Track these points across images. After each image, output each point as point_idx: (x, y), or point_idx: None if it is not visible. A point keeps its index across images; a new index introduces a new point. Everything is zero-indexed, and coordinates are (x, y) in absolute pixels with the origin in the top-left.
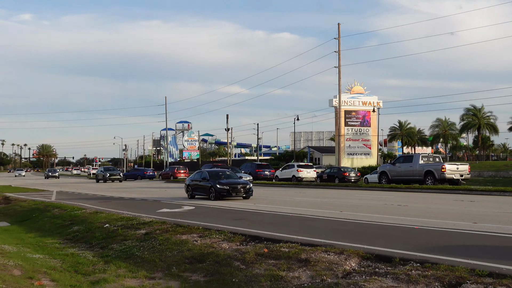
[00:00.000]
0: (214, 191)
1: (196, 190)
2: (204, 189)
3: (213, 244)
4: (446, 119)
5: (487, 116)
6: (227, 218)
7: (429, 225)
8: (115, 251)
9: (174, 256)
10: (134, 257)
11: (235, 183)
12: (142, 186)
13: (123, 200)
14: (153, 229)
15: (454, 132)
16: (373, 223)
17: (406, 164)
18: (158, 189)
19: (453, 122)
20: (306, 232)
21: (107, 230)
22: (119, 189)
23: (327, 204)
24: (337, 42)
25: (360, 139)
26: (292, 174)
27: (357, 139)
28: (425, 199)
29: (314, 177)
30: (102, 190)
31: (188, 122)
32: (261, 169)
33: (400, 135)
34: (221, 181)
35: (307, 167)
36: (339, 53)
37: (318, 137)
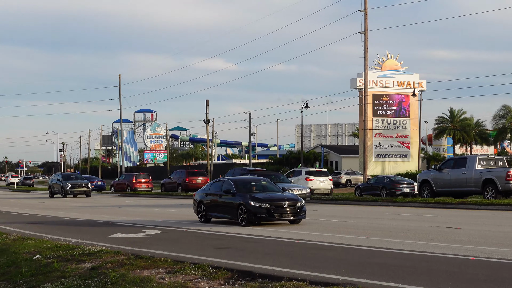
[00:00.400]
0: (247, 212)
1: (214, 209)
2: (228, 208)
3: (187, 283)
4: None
5: None
6: (206, 246)
7: (490, 255)
8: None
9: None
10: None
11: (279, 198)
12: (86, 201)
13: (61, 221)
14: (102, 262)
15: None
16: (412, 253)
17: (458, 170)
18: (110, 207)
19: None
20: (318, 265)
21: (37, 264)
22: (55, 205)
23: (348, 226)
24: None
25: (394, 134)
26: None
27: (391, 135)
28: (485, 219)
29: (329, 188)
30: (31, 206)
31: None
32: None
33: (452, 129)
34: (255, 196)
35: (320, 174)
36: (365, 12)
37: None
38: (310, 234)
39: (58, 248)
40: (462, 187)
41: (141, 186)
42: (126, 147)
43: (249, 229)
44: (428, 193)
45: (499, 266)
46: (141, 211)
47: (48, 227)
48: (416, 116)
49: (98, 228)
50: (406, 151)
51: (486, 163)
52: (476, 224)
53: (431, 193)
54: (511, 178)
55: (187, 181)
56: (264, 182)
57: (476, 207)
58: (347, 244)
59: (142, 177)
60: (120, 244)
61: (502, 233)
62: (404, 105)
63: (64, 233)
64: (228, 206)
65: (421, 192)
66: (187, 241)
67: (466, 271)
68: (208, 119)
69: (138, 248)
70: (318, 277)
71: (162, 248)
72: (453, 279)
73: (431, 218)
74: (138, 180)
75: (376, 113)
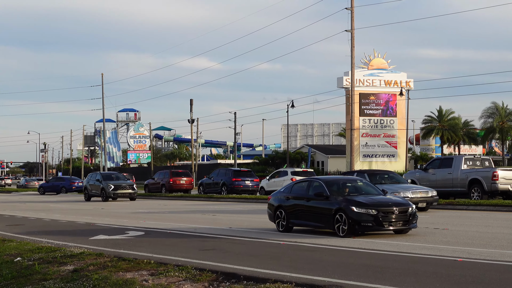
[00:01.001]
0: (347, 219)
1: (298, 216)
2: (319, 215)
3: (171, 285)
4: (504, 106)
5: None
6: (190, 247)
7: (477, 256)
8: None
9: None
10: None
11: (387, 203)
12: (68, 201)
13: (42, 223)
14: (84, 264)
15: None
16: (400, 254)
17: (444, 170)
18: (92, 208)
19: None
20: (304, 267)
21: (18, 266)
22: (38, 206)
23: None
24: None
25: (381, 134)
26: (284, 185)
27: (378, 135)
28: (472, 220)
29: None
30: (13, 208)
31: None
32: (240, 178)
33: (439, 129)
34: (357, 200)
35: (307, 175)
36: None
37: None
38: (296, 235)
39: (39, 250)
40: (448, 188)
41: None
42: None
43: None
44: None
45: (486, 267)
46: (128, 213)
47: (28, 228)
48: (404, 115)
49: (80, 229)
50: (393, 151)
51: (472, 163)
52: (463, 225)
53: None
54: (497, 178)
55: (171, 182)
56: (360, 182)
57: (464, 207)
58: (333, 245)
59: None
60: (103, 245)
61: (490, 234)
62: (391, 105)
63: (46, 235)
64: (320, 213)
65: None
66: (170, 242)
67: (454, 273)
68: (193, 119)
69: (121, 250)
70: (303, 279)
71: (146, 250)
72: (440, 280)
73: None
74: None
75: (363, 113)
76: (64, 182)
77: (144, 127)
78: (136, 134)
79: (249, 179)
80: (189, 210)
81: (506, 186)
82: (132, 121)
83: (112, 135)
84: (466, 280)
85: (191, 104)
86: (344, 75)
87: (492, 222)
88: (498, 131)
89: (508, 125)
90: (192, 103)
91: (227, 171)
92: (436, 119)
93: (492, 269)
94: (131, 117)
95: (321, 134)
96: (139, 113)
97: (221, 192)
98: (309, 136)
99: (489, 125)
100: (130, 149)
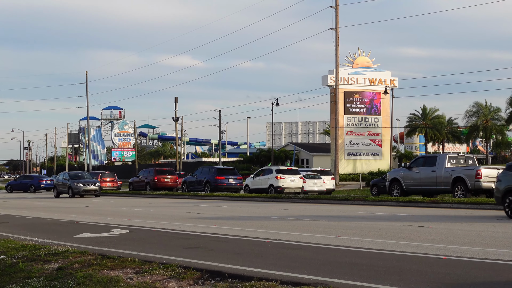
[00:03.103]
0: None
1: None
2: None
3: (156, 283)
4: (488, 104)
5: None
6: (175, 246)
7: (462, 254)
8: None
9: None
10: None
11: None
12: (45, 198)
13: (26, 220)
14: (69, 262)
15: (499, 122)
16: (385, 252)
17: (427, 168)
18: (77, 206)
19: (498, 108)
20: (289, 265)
21: (2, 264)
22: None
23: (319, 226)
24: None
25: (366, 132)
26: (269, 183)
27: (362, 133)
28: (457, 218)
29: (300, 187)
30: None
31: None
32: (224, 176)
33: (424, 127)
34: None
35: (291, 173)
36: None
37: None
38: (280, 234)
39: (23, 248)
40: (432, 186)
41: (107, 185)
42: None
43: (216, 227)
44: (398, 191)
45: (471, 265)
46: (112, 210)
47: (12, 226)
48: (388, 113)
49: (64, 227)
50: (377, 149)
51: (456, 162)
52: (448, 223)
53: (401, 191)
54: (481, 176)
55: (155, 180)
56: None
57: (449, 205)
58: (318, 243)
59: (108, 175)
60: (87, 243)
61: (474, 232)
62: (376, 103)
63: (30, 233)
64: None
65: (390, 190)
66: (155, 240)
67: (438, 271)
68: (177, 117)
69: (105, 248)
70: (288, 277)
71: (131, 248)
72: (424, 278)
73: (403, 217)
74: (103, 179)
75: (347, 111)
76: (32, 181)
77: (129, 125)
78: (120, 132)
79: (233, 177)
80: (174, 208)
81: (490, 184)
82: (117, 119)
83: (97, 133)
84: (451, 278)
85: (175, 102)
86: (329, 73)
87: (477, 220)
88: (482, 130)
89: (492, 123)
90: (177, 101)
91: (210, 169)
92: (420, 117)
93: (476, 267)
94: (116, 115)
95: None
96: (123, 111)
97: (205, 190)
98: (294, 134)
99: (473, 124)
100: (115, 147)
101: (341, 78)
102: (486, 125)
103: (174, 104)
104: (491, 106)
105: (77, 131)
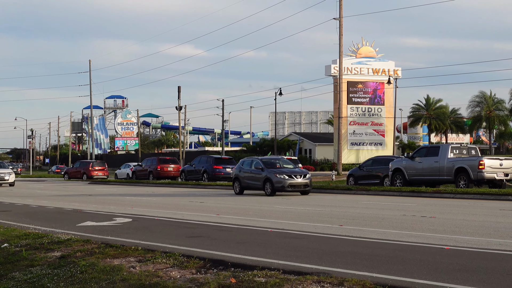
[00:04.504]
0: None
1: None
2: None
3: (158, 271)
4: (492, 95)
5: None
6: (178, 235)
7: (464, 244)
8: (18, 282)
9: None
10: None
11: None
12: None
13: (29, 209)
14: (72, 250)
15: (502, 113)
16: (387, 242)
17: (430, 158)
18: (79, 194)
19: (502, 99)
20: (291, 254)
21: (5, 252)
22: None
23: (322, 215)
24: None
25: (369, 122)
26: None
27: (365, 123)
28: (460, 208)
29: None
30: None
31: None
32: (221, 165)
33: (427, 117)
34: None
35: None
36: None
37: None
38: (283, 223)
39: (26, 236)
40: (434, 176)
41: (98, 174)
42: (96, 134)
43: (219, 217)
44: (401, 181)
45: (473, 255)
46: (113, 199)
47: (15, 214)
48: (391, 104)
49: (67, 216)
50: (380, 139)
51: (459, 152)
52: (451, 213)
53: (403, 181)
54: (484, 167)
55: (158, 169)
56: None
57: (451, 196)
58: (320, 233)
59: (98, 164)
60: (90, 232)
61: (477, 222)
62: (379, 93)
63: (33, 221)
64: None
65: (393, 180)
66: (158, 229)
67: (441, 261)
68: (180, 106)
69: (108, 237)
70: (291, 266)
71: (133, 237)
72: (427, 268)
73: (406, 207)
74: (94, 168)
75: (351, 101)
76: None
77: (132, 114)
78: (123, 121)
79: (230, 167)
80: (177, 197)
81: (492, 174)
82: (120, 108)
83: (100, 122)
84: (453, 268)
85: (178, 91)
86: (332, 63)
87: (479, 211)
88: (485, 120)
89: (495, 114)
90: (180, 90)
91: (208, 158)
92: (423, 108)
93: (478, 257)
94: (119, 104)
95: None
96: (126, 100)
97: (203, 179)
98: (297, 124)
99: (476, 114)
100: (118, 136)
101: (344, 68)
102: (489, 116)
103: (177, 93)
104: (495, 96)
105: (80, 120)
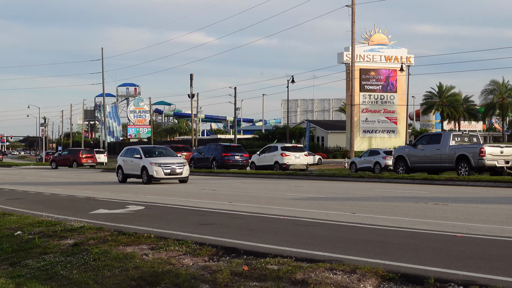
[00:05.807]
0: None
1: None
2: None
3: (171, 259)
4: (505, 82)
5: None
6: (190, 222)
7: (477, 232)
8: (31, 269)
9: (115, 277)
10: (58, 277)
11: None
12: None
13: (42, 197)
14: (84, 238)
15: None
16: (400, 230)
17: (432, 146)
18: (92, 182)
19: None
20: (303, 242)
21: (19, 240)
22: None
23: (335, 203)
24: None
25: (381, 110)
26: (274, 159)
27: (378, 110)
28: (472, 196)
29: (305, 163)
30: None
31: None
32: (230, 153)
33: (440, 105)
34: None
35: (296, 150)
36: None
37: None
38: (295, 211)
39: (40, 224)
40: (436, 163)
41: (87, 161)
42: (109, 121)
43: (232, 204)
44: (403, 169)
45: (486, 243)
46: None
47: (28, 202)
48: (404, 91)
49: (80, 203)
50: (393, 126)
51: (461, 139)
52: (463, 200)
53: (406, 169)
54: (484, 154)
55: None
56: None
57: (464, 183)
58: (333, 220)
59: (87, 152)
60: (103, 220)
61: (490, 210)
62: (392, 80)
63: (46, 209)
64: None
65: (396, 167)
66: (171, 217)
67: (453, 248)
68: (193, 94)
69: (121, 224)
70: (303, 254)
71: (146, 224)
72: (440, 256)
73: (418, 195)
74: (84, 155)
75: (363, 88)
76: None
77: (144, 102)
78: (136, 109)
79: (239, 154)
80: (188, 184)
81: (493, 162)
82: (132, 95)
83: (112, 110)
84: (466, 256)
85: (191, 79)
86: (345, 50)
87: (492, 198)
88: (498, 107)
89: (508, 101)
90: (192, 78)
91: (217, 146)
92: (436, 95)
93: (491, 244)
94: (131, 92)
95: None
96: (139, 87)
97: (211, 167)
98: (309, 112)
99: (489, 101)
100: (130, 124)
101: (357, 55)
102: (502, 103)
103: (189, 81)
104: (508, 83)
105: (93, 108)
